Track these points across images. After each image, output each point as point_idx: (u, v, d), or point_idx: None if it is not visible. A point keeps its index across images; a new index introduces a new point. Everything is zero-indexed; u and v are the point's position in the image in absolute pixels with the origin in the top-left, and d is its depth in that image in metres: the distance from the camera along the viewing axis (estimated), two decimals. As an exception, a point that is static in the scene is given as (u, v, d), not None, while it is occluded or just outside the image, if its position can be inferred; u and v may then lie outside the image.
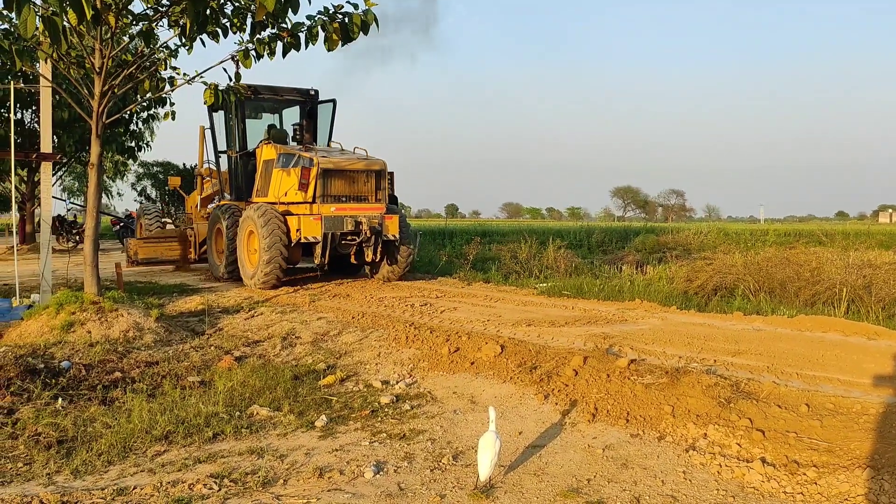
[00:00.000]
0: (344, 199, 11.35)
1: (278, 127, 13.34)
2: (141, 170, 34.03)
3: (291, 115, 13.55)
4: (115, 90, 7.83)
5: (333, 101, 13.13)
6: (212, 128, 13.44)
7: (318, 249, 11.06)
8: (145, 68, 8.00)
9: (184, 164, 34.26)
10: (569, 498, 3.82)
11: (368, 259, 11.73)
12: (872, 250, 14.46)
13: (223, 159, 13.35)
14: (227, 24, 7.22)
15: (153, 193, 34.54)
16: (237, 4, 7.21)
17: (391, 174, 11.92)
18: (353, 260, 11.93)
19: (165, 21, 7.46)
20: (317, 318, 8.70)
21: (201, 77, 8.00)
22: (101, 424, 4.96)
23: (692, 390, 5.10)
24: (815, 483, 3.89)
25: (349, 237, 11.30)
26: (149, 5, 7.10)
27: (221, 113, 13.01)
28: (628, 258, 16.36)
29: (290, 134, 12.86)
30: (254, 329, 8.50)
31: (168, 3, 7.27)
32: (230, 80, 7.93)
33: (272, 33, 7.42)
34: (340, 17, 7.31)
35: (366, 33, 7.32)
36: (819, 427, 4.50)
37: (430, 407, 5.47)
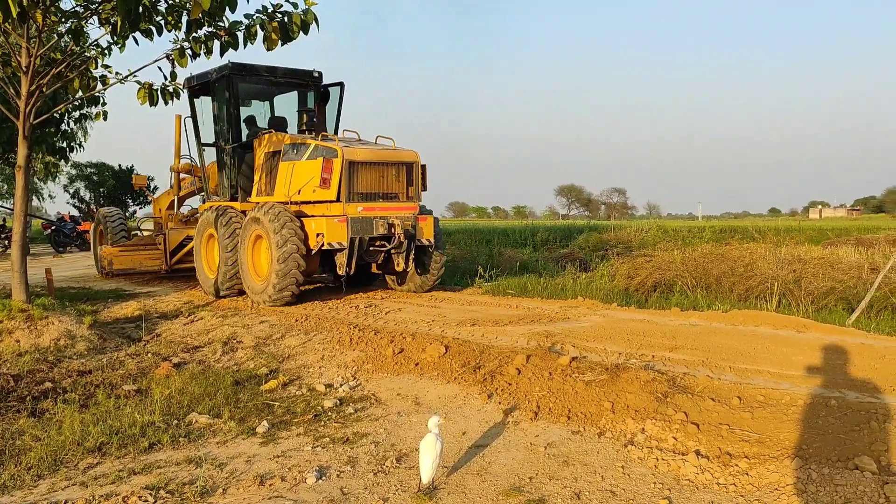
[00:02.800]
0: (372, 196, 9.68)
1: (273, 115, 11.66)
2: (73, 171, 33.17)
3: (286, 102, 11.77)
4: (44, 89, 7.55)
5: (341, 84, 11.37)
6: (193, 116, 11.63)
7: (343, 258, 9.36)
8: (75, 67, 7.73)
9: (119, 165, 33.58)
10: (511, 497, 3.85)
11: (399, 268, 10.04)
12: (802, 245, 15.01)
13: (208, 153, 11.66)
14: (162, 22, 7.04)
15: (86, 195, 33.71)
16: (171, 2, 7.03)
17: (423, 167, 10.29)
18: (374, 269, 10.48)
19: (96, 18, 7.23)
20: (259, 321, 8.56)
21: (135, 76, 7.79)
22: (30, 437, 4.79)
23: (631, 386, 5.20)
24: (747, 473, 4.01)
25: (378, 242, 9.72)
26: (78, 2, 6.87)
27: (206, 99, 11.34)
28: (572, 256, 16.58)
29: (300, 122, 11.11)
30: (193, 334, 8.31)
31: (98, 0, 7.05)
32: (165, 79, 7.74)
33: (209, 32, 7.26)
34: (280, 16, 7.21)
35: (306, 33, 7.24)
36: (750, 419, 4.64)
37: (373, 409, 5.44)
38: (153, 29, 7.04)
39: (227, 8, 6.64)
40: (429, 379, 6.02)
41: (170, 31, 7.19)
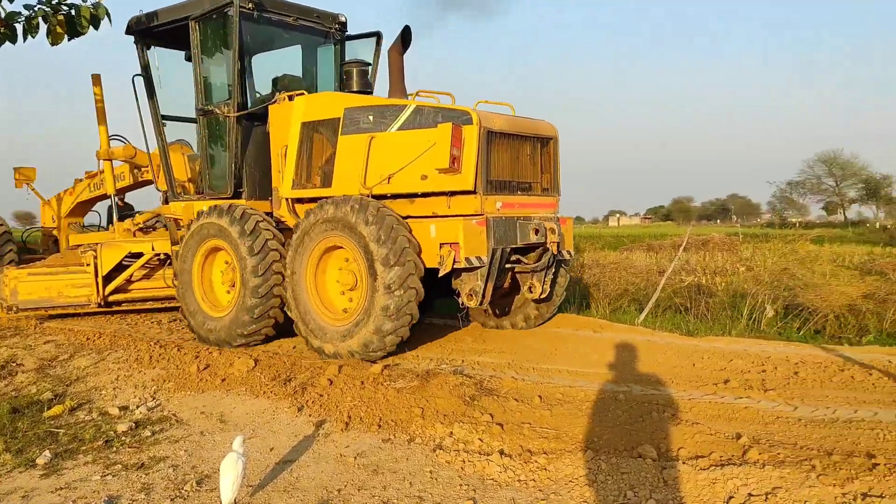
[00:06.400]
0: (506, 186, 6.64)
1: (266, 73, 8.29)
2: None
3: (285, 59, 8.44)
4: None
5: (377, 34, 8.29)
6: (147, 76, 8.33)
7: (477, 280, 6.28)
8: None
9: None
10: (318, 511, 3.78)
11: (535, 293, 7.07)
12: (602, 251, 16.27)
13: (171, 129, 8.52)
14: (-80, 7, 6.18)
15: None
16: (-67, -15, 6.19)
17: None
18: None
19: None
20: (44, 341, 7.75)
21: None
22: None
23: (441, 391, 5.32)
24: (545, 469, 4.22)
25: (514, 256, 6.80)
26: None
27: (167, 52, 8.34)
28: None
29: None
30: (-37, 359, 7.35)
31: None
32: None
33: (-21, 21, 6.48)
34: (66, 9, 6.58)
35: (96, 28, 6.64)
36: (550, 416, 4.92)
37: (174, 431, 5.12)
38: None
39: (3, -5, 5.95)
40: (236, 394, 5.77)
41: (-68, 16, 6.33)
